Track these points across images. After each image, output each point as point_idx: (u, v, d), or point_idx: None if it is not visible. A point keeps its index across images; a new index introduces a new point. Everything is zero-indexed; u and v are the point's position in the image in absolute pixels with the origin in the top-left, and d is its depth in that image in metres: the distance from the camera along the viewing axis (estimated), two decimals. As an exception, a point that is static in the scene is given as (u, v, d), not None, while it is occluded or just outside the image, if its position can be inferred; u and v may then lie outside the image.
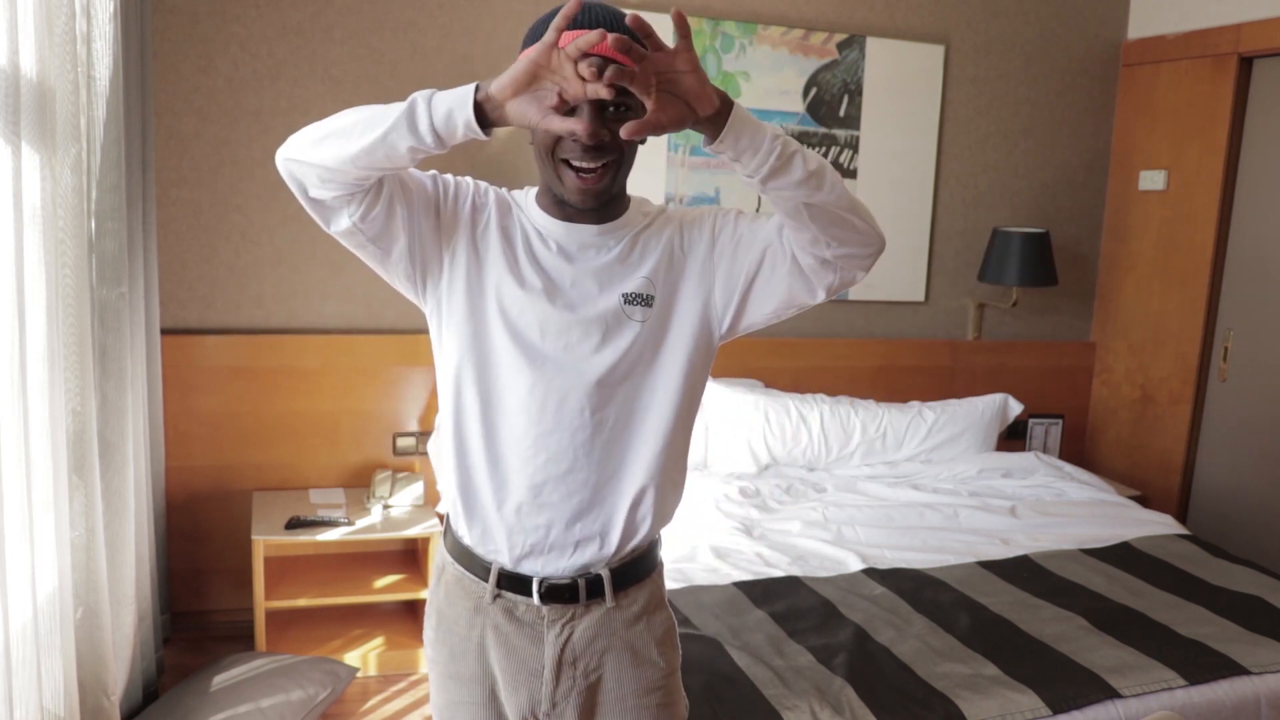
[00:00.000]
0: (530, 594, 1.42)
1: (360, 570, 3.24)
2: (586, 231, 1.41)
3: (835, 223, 1.27)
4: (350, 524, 3.03)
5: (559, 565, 1.41)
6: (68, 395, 2.10)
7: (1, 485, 1.74)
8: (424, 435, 3.37)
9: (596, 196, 1.34)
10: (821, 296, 1.38)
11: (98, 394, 2.32)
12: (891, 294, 3.87)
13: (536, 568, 1.41)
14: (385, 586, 3.14)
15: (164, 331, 3.04)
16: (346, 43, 3.18)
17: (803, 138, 3.65)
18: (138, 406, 2.64)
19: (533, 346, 1.38)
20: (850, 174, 3.72)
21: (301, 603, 3.03)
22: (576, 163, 1.30)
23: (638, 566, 1.46)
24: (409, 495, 3.22)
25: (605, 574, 1.42)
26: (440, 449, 1.47)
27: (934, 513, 3.14)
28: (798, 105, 3.63)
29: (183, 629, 3.26)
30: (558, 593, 1.41)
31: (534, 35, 1.30)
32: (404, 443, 3.37)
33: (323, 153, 1.25)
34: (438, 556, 1.53)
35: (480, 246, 1.41)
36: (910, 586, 2.58)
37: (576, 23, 1.25)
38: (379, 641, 3.12)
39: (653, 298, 1.41)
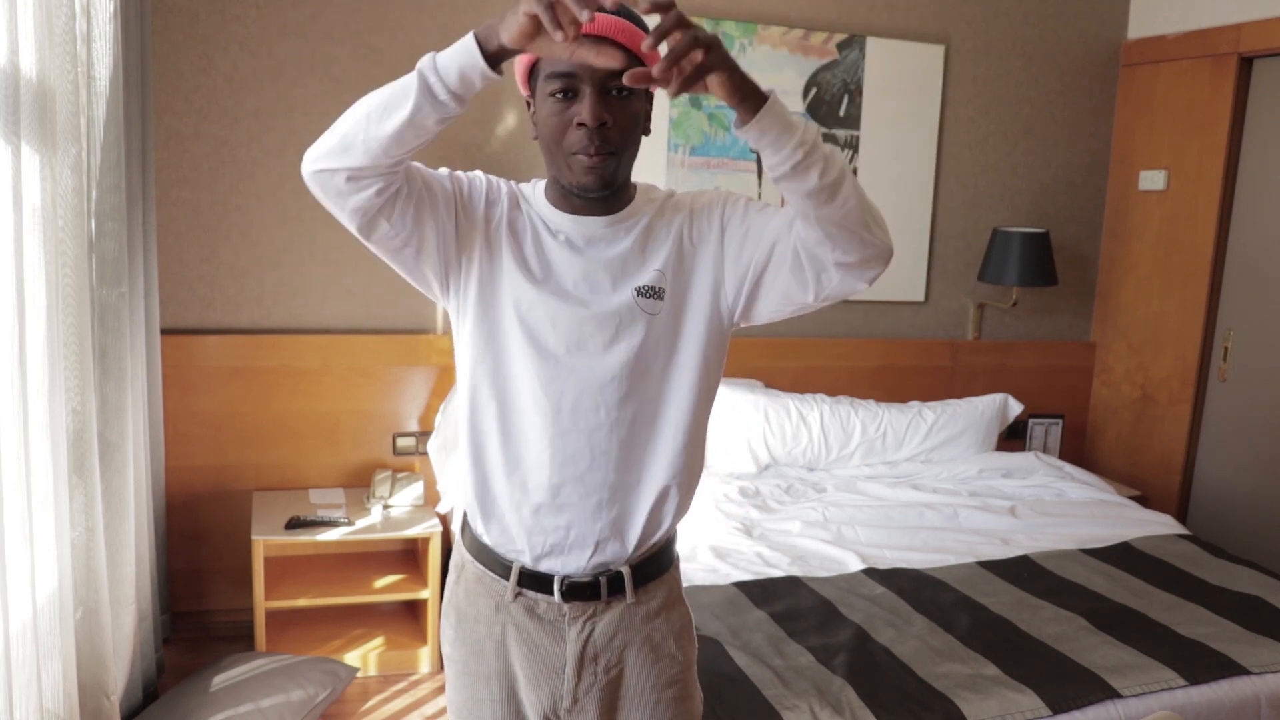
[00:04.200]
0: (551, 592, 1.41)
1: (360, 570, 3.24)
2: (595, 224, 1.39)
3: (843, 232, 1.25)
4: (350, 524, 3.03)
5: (579, 563, 1.41)
6: (68, 395, 2.09)
7: (1, 485, 1.74)
8: (424, 435, 3.37)
9: (603, 178, 1.32)
10: (811, 299, 1.34)
11: (98, 394, 2.32)
12: (891, 294, 3.87)
13: (557, 566, 1.41)
14: (385, 586, 3.14)
15: (164, 331, 3.04)
16: (346, 43, 3.18)
17: (803, 138, 3.65)
18: (138, 406, 2.64)
19: (545, 345, 1.37)
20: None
21: (301, 603, 3.03)
22: (582, 153, 1.29)
23: (657, 561, 1.47)
24: (409, 495, 3.22)
25: (626, 571, 1.42)
26: (456, 449, 1.48)
27: (934, 513, 3.14)
28: (798, 105, 3.63)
29: (183, 629, 3.26)
30: (579, 590, 1.41)
31: None
32: (404, 443, 3.37)
33: (351, 153, 1.23)
34: (455, 555, 1.53)
35: (494, 244, 1.39)
36: (910, 586, 2.58)
37: None
38: (379, 641, 3.12)
39: (664, 290, 1.39)
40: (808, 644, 2.25)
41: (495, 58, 1.17)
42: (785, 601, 2.46)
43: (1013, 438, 4.01)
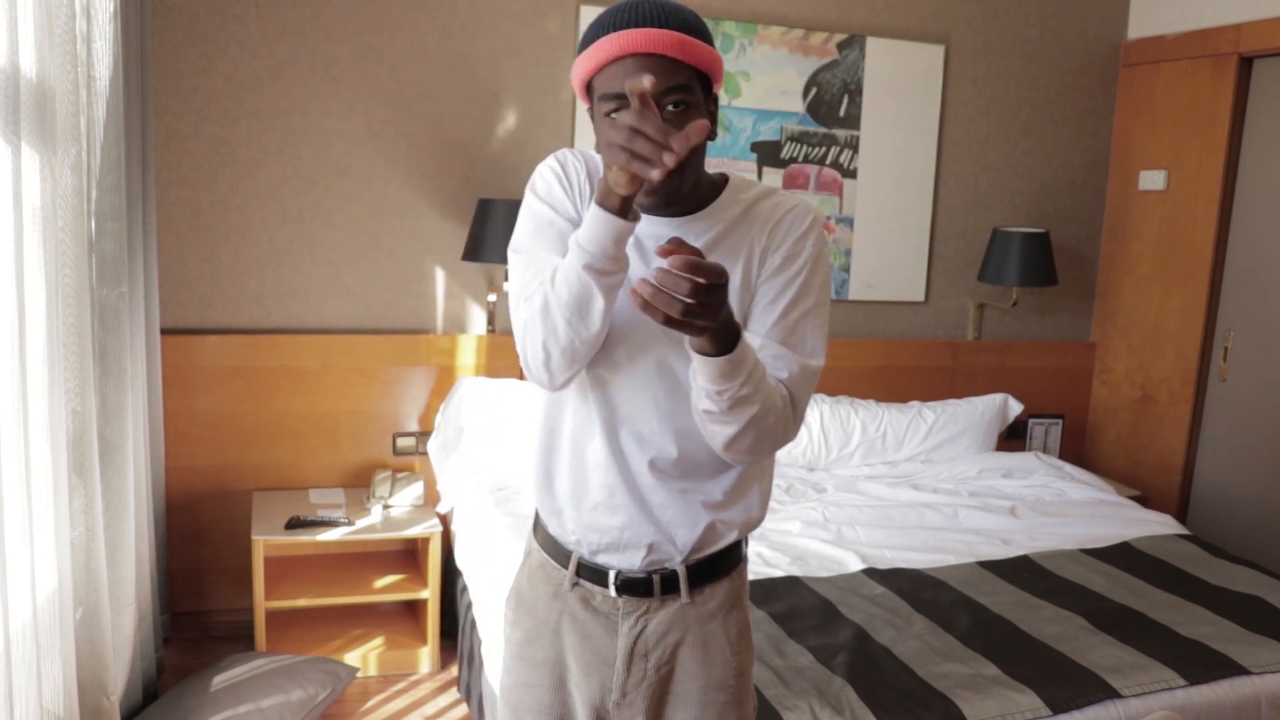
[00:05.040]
0: (607, 585, 1.43)
1: (360, 570, 3.24)
2: (664, 224, 1.35)
3: (703, 421, 1.30)
4: (350, 524, 3.03)
5: (633, 561, 1.42)
6: (68, 395, 2.09)
7: (1, 485, 1.74)
8: (424, 435, 3.37)
9: (666, 200, 1.31)
10: None
11: (98, 394, 2.32)
12: (891, 294, 3.87)
13: (613, 561, 1.43)
14: (385, 586, 3.14)
15: (164, 331, 3.04)
16: (346, 43, 3.18)
17: (803, 138, 3.65)
18: (138, 406, 2.64)
19: (609, 346, 1.35)
20: (850, 174, 3.72)
21: (301, 603, 3.03)
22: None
23: (715, 564, 1.46)
24: (409, 495, 3.22)
25: (680, 570, 1.43)
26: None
27: (934, 513, 3.14)
28: (798, 105, 3.63)
29: (183, 629, 3.26)
30: (633, 586, 1.42)
31: (584, 44, 1.30)
32: (404, 443, 3.37)
33: (579, 356, 1.29)
34: (526, 542, 1.56)
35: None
36: (910, 586, 2.58)
37: (623, 21, 1.25)
38: (379, 641, 3.12)
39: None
40: (808, 644, 2.25)
41: (624, 210, 1.19)
42: (785, 601, 2.46)
43: (1013, 438, 4.01)
